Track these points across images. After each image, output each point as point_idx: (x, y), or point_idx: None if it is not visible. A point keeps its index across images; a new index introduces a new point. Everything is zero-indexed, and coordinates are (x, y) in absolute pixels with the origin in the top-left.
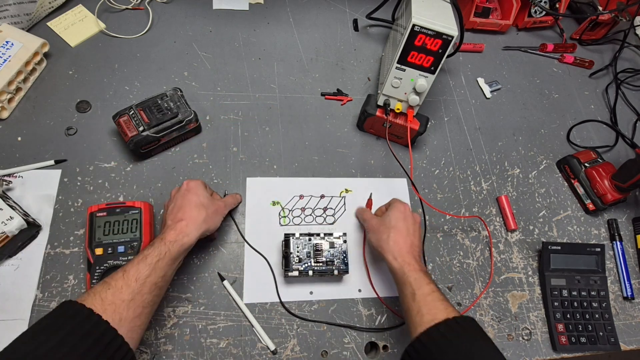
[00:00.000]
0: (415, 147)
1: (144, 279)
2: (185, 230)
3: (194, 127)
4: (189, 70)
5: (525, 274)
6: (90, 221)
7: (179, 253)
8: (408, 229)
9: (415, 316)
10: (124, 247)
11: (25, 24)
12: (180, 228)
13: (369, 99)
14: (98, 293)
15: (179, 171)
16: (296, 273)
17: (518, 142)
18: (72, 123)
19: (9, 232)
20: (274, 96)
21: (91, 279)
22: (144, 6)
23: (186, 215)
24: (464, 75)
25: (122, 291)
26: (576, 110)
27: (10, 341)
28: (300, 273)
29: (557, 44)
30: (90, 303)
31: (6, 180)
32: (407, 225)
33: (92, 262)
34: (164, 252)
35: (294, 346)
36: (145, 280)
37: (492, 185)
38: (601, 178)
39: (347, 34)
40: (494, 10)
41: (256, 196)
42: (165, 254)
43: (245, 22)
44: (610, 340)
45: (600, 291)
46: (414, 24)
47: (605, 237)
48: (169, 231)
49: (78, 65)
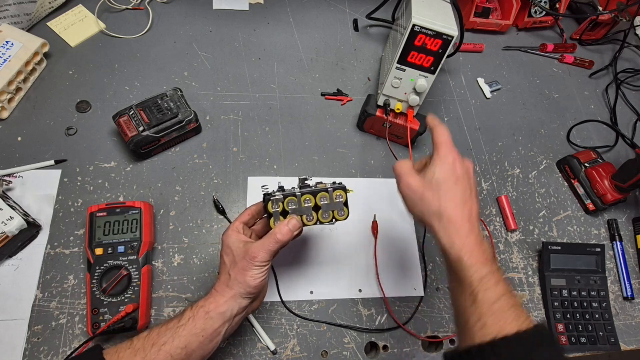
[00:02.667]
0: (415, 147)
1: (160, 345)
2: (216, 298)
3: (194, 127)
4: (189, 70)
5: (525, 274)
6: (90, 221)
7: (205, 323)
8: (464, 190)
9: (475, 325)
10: (124, 247)
11: (25, 24)
12: (213, 293)
13: (369, 99)
14: (121, 350)
15: (179, 171)
16: (279, 194)
17: (518, 142)
18: (72, 123)
19: (9, 232)
20: (274, 96)
21: (91, 279)
22: (144, 6)
23: (220, 278)
24: (464, 75)
25: (137, 354)
26: (576, 110)
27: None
28: (285, 197)
29: (557, 44)
30: (109, 358)
31: (6, 180)
32: (462, 185)
33: (92, 262)
34: (187, 317)
35: (294, 346)
36: (160, 348)
37: (492, 185)
38: (601, 178)
39: (347, 34)
40: (494, 10)
41: (257, 195)
42: (188, 320)
43: (245, 22)
44: (610, 340)
45: (600, 291)
46: (414, 24)
47: (605, 237)
48: (207, 295)
49: (78, 65)
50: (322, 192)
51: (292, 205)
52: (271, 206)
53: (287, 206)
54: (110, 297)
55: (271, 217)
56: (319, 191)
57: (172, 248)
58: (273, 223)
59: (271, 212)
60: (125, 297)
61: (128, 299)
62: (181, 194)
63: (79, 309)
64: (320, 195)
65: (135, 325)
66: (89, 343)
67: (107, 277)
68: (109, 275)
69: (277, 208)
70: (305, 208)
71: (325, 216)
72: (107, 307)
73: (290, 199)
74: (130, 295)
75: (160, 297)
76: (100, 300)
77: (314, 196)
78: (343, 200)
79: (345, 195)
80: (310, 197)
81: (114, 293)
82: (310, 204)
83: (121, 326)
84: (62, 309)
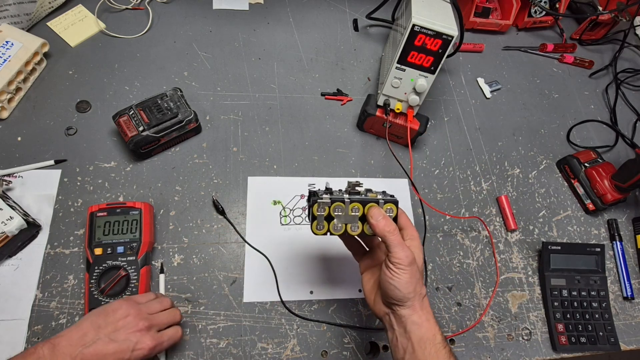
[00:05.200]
0: (415, 147)
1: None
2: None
3: (194, 127)
4: (189, 70)
5: (525, 274)
6: (91, 221)
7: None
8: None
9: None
10: (123, 248)
11: (25, 24)
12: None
13: (369, 99)
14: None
15: (179, 171)
16: (327, 198)
17: (518, 142)
18: (72, 123)
19: (9, 232)
20: (274, 96)
21: (90, 279)
22: (144, 6)
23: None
24: (464, 75)
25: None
26: (576, 110)
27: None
28: (332, 202)
29: (557, 44)
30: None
31: (6, 180)
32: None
33: (91, 261)
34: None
35: (294, 346)
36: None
37: (492, 185)
38: (601, 178)
39: (347, 34)
40: (494, 10)
41: (257, 195)
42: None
43: (245, 22)
44: (610, 340)
45: (600, 291)
46: (414, 24)
47: (605, 237)
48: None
49: (78, 65)
50: (371, 203)
51: (338, 211)
52: (316, 209)
53: (334, 212)
54: (108, 297)
55: (314, 220)
56: (369, 201)
57: (172, 248)
58: (316, 227)
59: (316, 215)
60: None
61: None
62: (181, 194)
63: (78, 309)
64: (369, 206)
65: None
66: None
67: (106, 278)
68: (108, 276)
69: (322, 212)
70: (352, 217)
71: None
72: None
73: (337, 204)
74: (128, 296)
75: None
76: (98, 301)
77: (363, 206)
78: (394, 214)
79: (396, 210)
80: (359, 206)
81: (111, 294)
82: (358, 213)
83: None
84: (62, 309)
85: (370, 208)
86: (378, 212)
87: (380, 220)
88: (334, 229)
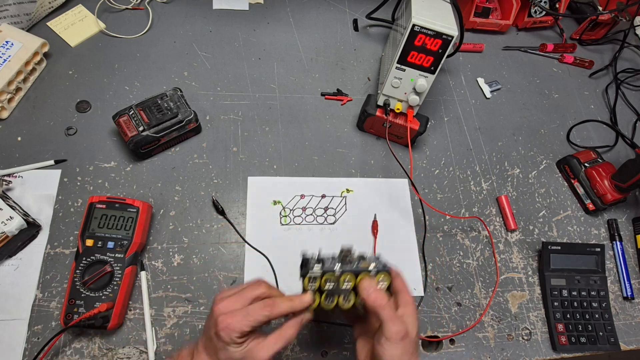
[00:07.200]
0: (415, 147)
1: None
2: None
3: (194, 127)
4: (189, 70)
5: (525, 274)
6: (89, 211)
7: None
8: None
9: None
10: (113, 244)
11: (25, 24)
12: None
13: (369, 99)
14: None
15: (179, 171)
16: (318, 271)
17: (518, 142)
18: (72, 123)
19: (9, 232)
20: (274, 96)
21: (75, 269)
22: (143, 6)
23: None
24: (464, 75)
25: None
26: (576, 110)
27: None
28: (324, 273)
29: (557, 44)
30: None
31: (6, 180)
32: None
33: (80, 252)
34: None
35: (294, 346)
36: None
37: (492, 185)
38: (601, 178)
39: (347, 34)
40: (494, 10)
41: (257, 195)
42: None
43: (245, 22)
44: (610, 340)
45: (600, 291)
46: (414, 24)
47: (605, 237)
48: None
49: (78, 65)
50: (363, 274)
51: (329, 284)
52: (308, 283)
53: (325, 284)
54: (90, 290)
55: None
56: (361, 271)
57: (172, 248)
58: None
59: (307, 289)
60: (103, 295)
61: (105, 296)
62: (181, 194)
63: None
64: (362, 276)
65: (105, 325)
66: (61, 335)
67: (91, 271)
68: (93, 269)
69: (313, 286)
70: (343, 290)
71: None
72: (84, 300)
73: (328, 276)
74: (109, 293)
75: (160, 297)
76: (79, 292)
77: (355, 277)
78: (386, 285)
79: (389, 280)
80: (352, 277)
81: (93, 288)
82: (350, 285)
83: (91, 323)
84: (62, 309)
85: (361, 280)
86: (369, 285)
87: (372, 294)
88: (326, 303)
